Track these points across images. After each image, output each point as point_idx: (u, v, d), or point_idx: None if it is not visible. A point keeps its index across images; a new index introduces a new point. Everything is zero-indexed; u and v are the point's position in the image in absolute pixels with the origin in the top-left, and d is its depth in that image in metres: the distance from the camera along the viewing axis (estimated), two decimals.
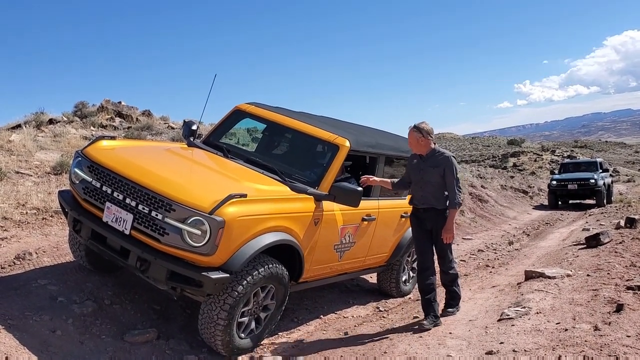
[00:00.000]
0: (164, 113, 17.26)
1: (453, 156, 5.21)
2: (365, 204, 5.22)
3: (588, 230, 11.38)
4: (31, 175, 8.47)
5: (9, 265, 5.35)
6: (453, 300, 5.62)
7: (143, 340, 4.49)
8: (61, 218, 6.84)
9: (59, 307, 4.60)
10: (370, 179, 5.39)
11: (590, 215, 16.57)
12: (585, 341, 4.11)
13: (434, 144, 5.22)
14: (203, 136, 6.07)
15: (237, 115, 6.04)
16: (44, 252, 5.83)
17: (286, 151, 6.01)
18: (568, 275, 6.32)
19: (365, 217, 5.55)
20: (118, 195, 4.26)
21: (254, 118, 5.98)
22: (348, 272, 5.89)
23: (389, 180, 5.57)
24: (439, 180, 5.13)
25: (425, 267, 5.34)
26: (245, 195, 4.09)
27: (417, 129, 5.13)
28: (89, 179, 4.48)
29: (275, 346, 4.95)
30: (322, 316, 5.86)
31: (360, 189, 4.86)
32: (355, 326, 5.61)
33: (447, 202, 5.18)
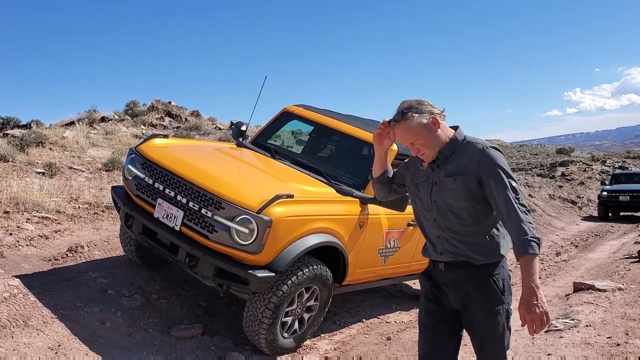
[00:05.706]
0: (212, 114, 17.59)
1: (496, 148, 2.63)
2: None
3: None
4: (83, 171, 8.75)
5: (62, 257, 5.52)
6: None
7: (189, 335, 4.56)
8: (112, 213, 7.04)
9: (108, 299, 4.73)
10: None
11: None
12: (639, 357, 3.98)
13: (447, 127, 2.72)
14: (251, 137, 6.15)
15: (285, 117, 6.10)
16: (95, 245, 6.00)
17: (333, 153, 6.01)
18: (619, 289, 6.12)
19: (411, 222, 5.42)
20: (170, 192, 4.35)
21: (301, 120, 6.02)
22: (391, 277, 5.83)
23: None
24: (467, 204, 2.63)
25: None
26: (292, 196, 4.12)
27: (409, 109, 2.61)
28: (142, 176, 4.59)
29: (318, 347, 4.96)
30: (364, 320, 5.83)
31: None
32: (397, 332, 5.55)
33: (501, 247, 2.77)
